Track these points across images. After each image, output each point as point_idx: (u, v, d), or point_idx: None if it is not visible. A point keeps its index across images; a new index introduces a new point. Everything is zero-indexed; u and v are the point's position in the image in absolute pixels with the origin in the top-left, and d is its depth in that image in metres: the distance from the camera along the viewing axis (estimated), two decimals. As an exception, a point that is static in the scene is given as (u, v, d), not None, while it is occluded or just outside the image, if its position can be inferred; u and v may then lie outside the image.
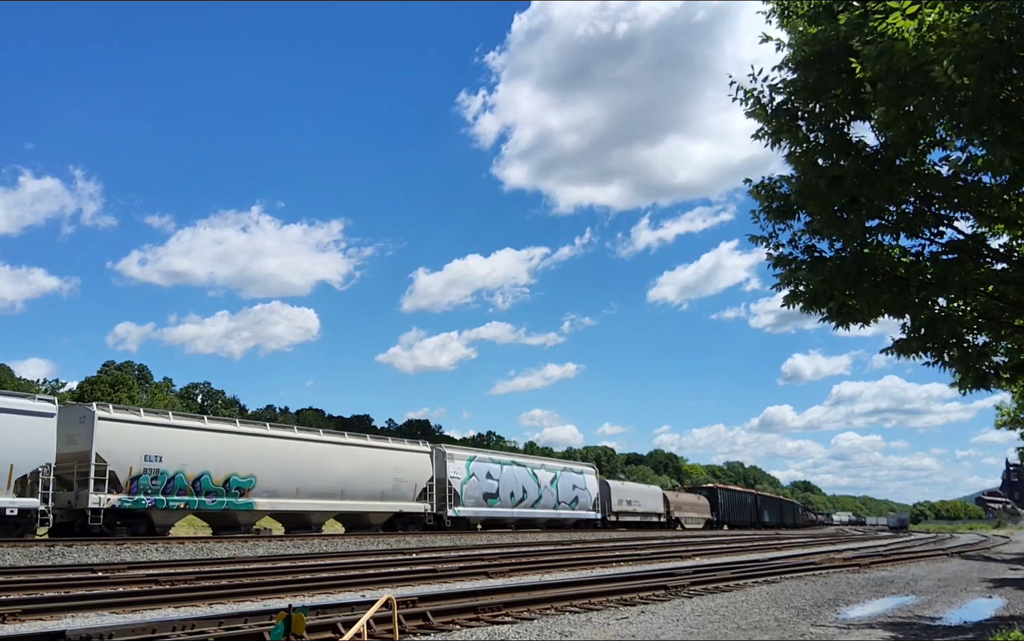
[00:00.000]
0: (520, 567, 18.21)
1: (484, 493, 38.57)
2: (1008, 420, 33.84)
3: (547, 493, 43.48)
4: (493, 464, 40.40)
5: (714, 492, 71.12)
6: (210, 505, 27.00)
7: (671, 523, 58.79)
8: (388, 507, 33.67)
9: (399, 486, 34.07)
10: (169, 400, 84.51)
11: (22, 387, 71.97)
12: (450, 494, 36.23)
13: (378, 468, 33.29)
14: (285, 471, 29.34)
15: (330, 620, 8.94)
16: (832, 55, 8.03)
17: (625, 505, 52.77)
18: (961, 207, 9.39)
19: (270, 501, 28.85)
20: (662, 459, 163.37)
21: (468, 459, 38.61)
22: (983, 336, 10.92)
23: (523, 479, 42.05)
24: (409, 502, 34.58)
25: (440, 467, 36.31)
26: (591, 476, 49.59)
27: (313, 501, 30.45)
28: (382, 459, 33.83)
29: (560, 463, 49.14)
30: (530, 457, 49.15)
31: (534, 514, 42.66)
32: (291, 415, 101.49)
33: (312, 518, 30.90)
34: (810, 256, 10.09)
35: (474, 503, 37.82)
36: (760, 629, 10.16)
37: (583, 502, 46.96)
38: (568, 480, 46.16)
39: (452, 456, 37.42)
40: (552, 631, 9.53)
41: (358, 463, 32.46)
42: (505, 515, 40.60)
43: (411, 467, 35.00)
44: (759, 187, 10.14)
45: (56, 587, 12.82)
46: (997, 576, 20.70)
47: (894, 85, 7.13)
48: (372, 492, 32.90)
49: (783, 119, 8.88)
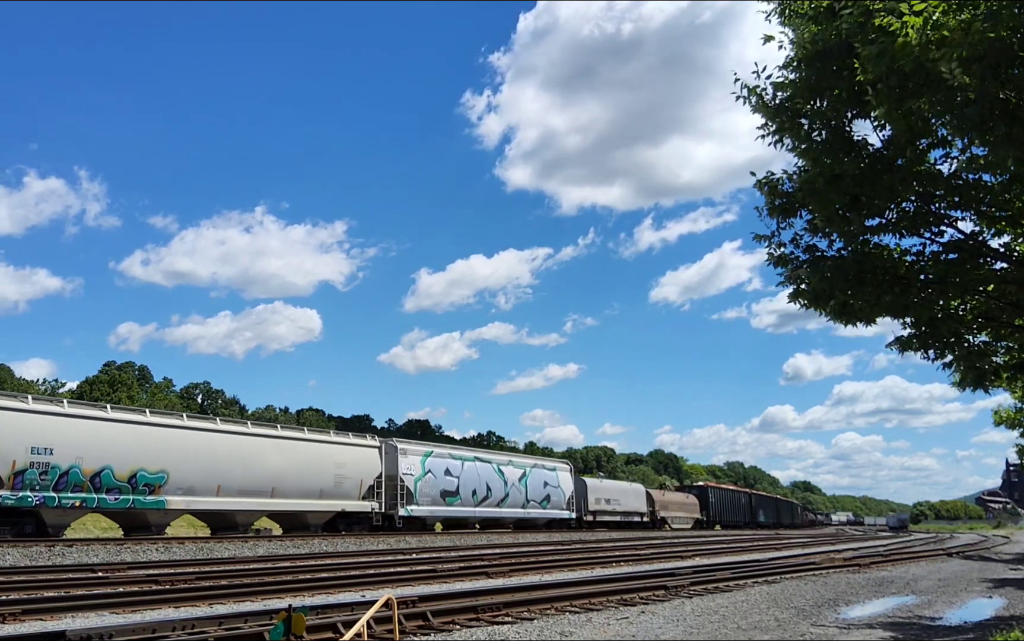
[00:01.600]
0: (520, 567, 18.20)
1: (442, 491, 36.43)
2: (1007, 419, 33.83)
3: (515, 491, 41.41)
4: (453, 460, 38.14)
5: (704, 491, 69.23)
6: (112, 503, 24.48)
7: (656, 523, 57.00)
8: (328, 506, 31.25)
9: (342, 483, 31.54)
10: (169, 400, 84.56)
11: (21, 387, 72.00)
12: (402, 492, 33.99)
13: (316, 464, 30.77)
14: (204, 466, 26.77)
15: (330, 620, 8.93)
16: (833, 53, 8.04)
17: (603, 504, 50.76)
18: (962, 206, 9.40)
19: (186, 499, 26.29)
20: (662, 459, 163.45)
21: (424, 455, 36.45)
22: (983, 335, 10.93)
23: (487, 476, 39.79)
24: (353, 500, 32.09)
25: (391, 463, 34.06)
26: (565, 473, 47.42)
27: (239, 499, 27.77)
28: (321, 454, 31.32)
29: (530, 459, 47.03)
30: (496, 453, 46.60)
31: (500, 513, 40.56)
32: (291, 415, 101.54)
33: (238, 518, 28.29)
34: (811, 255, 10.10)
35: (430, 502, 35.62)
36: (760, 629, 10.16)
37: (555, 501, 44.96)
38: (539, 477, 44.06)
39: (405, 451, 35.20)
40: (552, 631, 9.53)
41: (293, 458, 29.85)
42: (466, 514, 38.46)
43: (356, 463, 32.46)
44: (763, 182, 10.16)
45: (56, 587, 12.80)
46: (997, 576, 20.69)
47: (895, 85, 7.13)
48: (309, 490, 30.39)
49: (785, 117, 8.89)
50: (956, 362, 10.91)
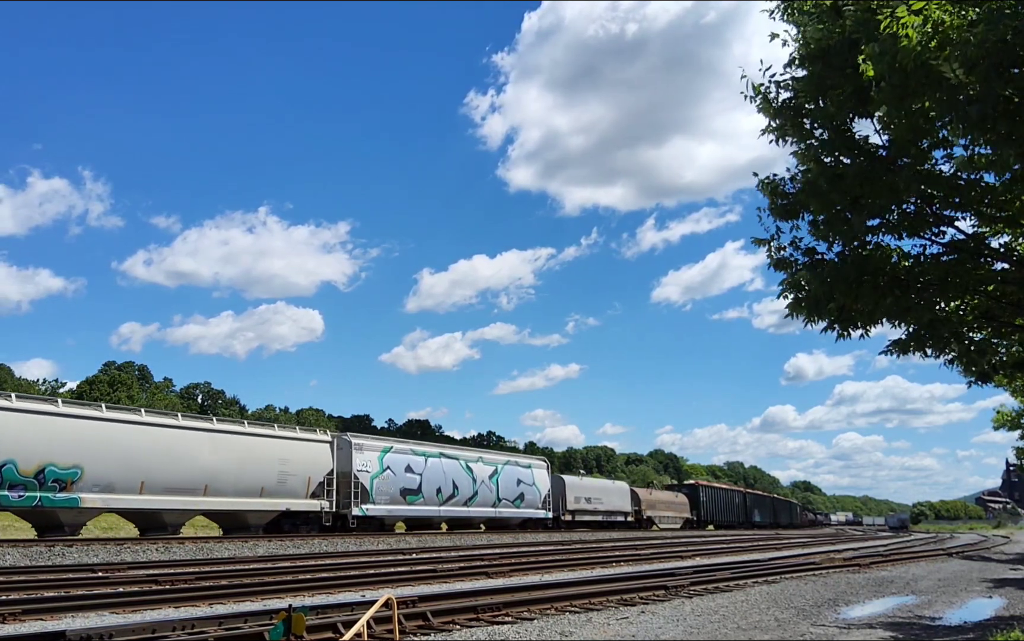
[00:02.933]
0: (520, 567, 18.21)
1: (402, 489, 34.41)
2: (1007, 421, 33.82)
3: (485, 489, 39.30)
4: (415, 456, 36.11)
5: (695, 489, 66.89)
6: (16, 501, 22.37)
7: (641, 523, 54.91)
8: (270, 505, 28.94)
9: (286, 480, 29.26)
10: (169, 400, 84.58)
11: (21, 387, 72.04)
12: (357, 490, 31.94)
13: (257, 459, 28.42)
14: (125, 461, 24.55)
15: (330, 620, 8.92)
16: (837, 52, 8.03)
17: (584, 503, 48.73)
18: (962, 207, 9.39)
19: (104, 497, 24.09)
20: (663, 459, 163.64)
21: (382, 450, 34.39)
22: (983, 334, 10.93)
23: (454, 473, 37.74)
24: (300, 499, 29.88)
25: (344, 459, 32.01)
26: (541, 470, 45.35)
27: (166, 498, 25.62)
28: (263, 449, 28.93)
29: (503, 456, 44.83)
30: (465, 449, 44.42)
31: (468, 513, 38.59)
32: (291, 415, 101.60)
33: (166, 518, 26.13)
34: (810, 258, 10.09)
35: (388, 500, 33.60)
36: (760, 629, 10.16)
37: (530, 499, 42.92)
38: (512, 475, 41.86)
39: (361, 447, 33.16)
40: (552, 631, 9.53)
41: (230, 453, 27.53)
42: (430, 514, 36.50)
43: (303, 458, 30.19)
44: (765, 182, 10.16)
45: (56, 587, 12.80)
46: (997, 576, 20.70)
47: (897, 83, 7.13)
48: (249, 487, 28.01)
49: (788, 115, 8.89)
50: (956, 359, 10.90)
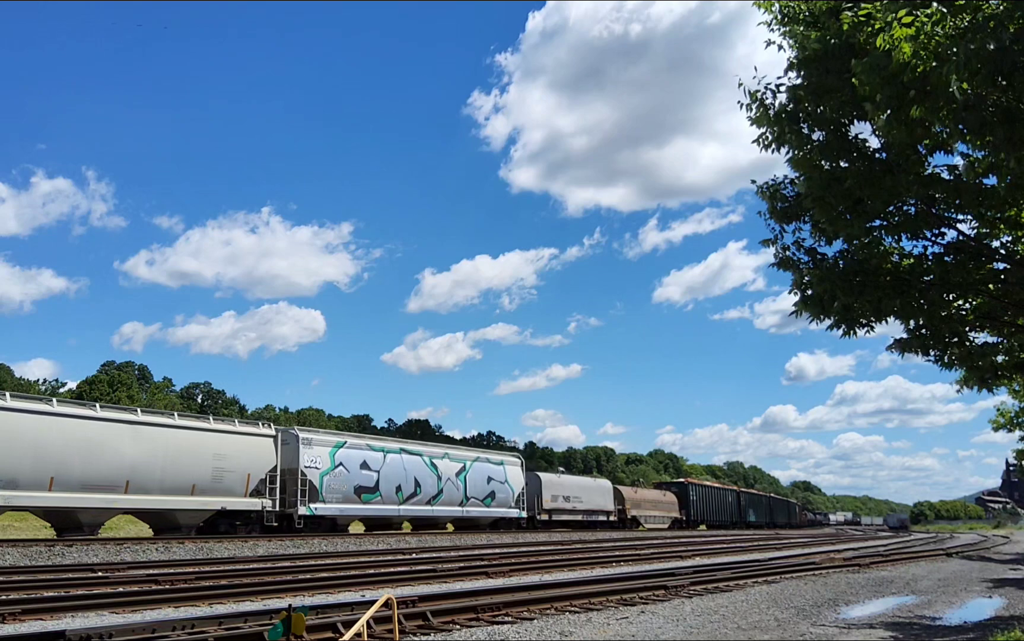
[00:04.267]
0: (520, 567, 18.22)
1: (356, 487, 32.33)
2: (1006, 422, 33.82)
3: (451, 487, 37.38)
4: (372, 452, 33.93)
5: (684, 488, 64.30)
6: None
7: (626, 523, 52.71)
8: (203, 504, 26.77)
9: (222, 477, 27.08)
10: (169, 400, 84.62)
11: (22, 387, 72.10)
12: (304, 488, 29.87)
13: (188, 454, 26.32)
14: (32, 456, 22.49)
15: (330, 620, 8.92)
16: (834, 56, 8.02)
17: (561, 502, 46.68)
18: (963, 209, 9.39)
19: (6, 494, 22.10)
20: (663, 459, 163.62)
21: (334, 446, 32.24)
22: (984, 335, 10.93)
23: (415, 470, 35.62)
24: (238, 497, 27.66)
25: (290, 454, 29.95)
26: (514, 467, 43.03)
27: (80, 495, 23.48)
28: (195, 443, 26.86)
29: (472, 452, 42.62)
30: (428, 444, 42.11)
31: (432, 512, 36.54)
32: (292, 414, 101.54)
33: (81, 517, 24.02)
34: (813, 258, 10.09)
35: (340, 499, 31.52)
36: (760, 629, 10.16)
37: (502, 498, 40.80)
38: (481, 472, 39.74)
39: (309, 441, 31.00)
40: (552, 631, 9.53)
41: (155, 447, 25.39)
42: (388, 513, 34.38)
43: (242, 453, 27.95)
44: (765, 187, 10.16)
45: (56, 587, 12.80)
46: (997, 576, 20.70)
47: (892, 95, 7.11)
48: (178, 484, 25.88)
49: (785, 122, 8.88)
50: (958, 362, 10.90)
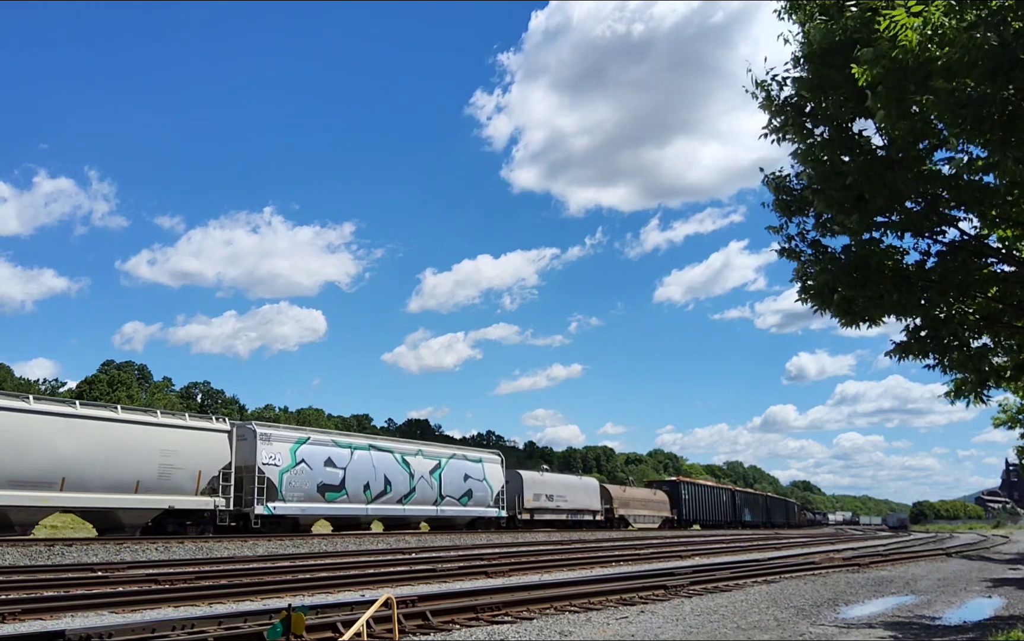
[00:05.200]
0: (519, 567, 18.22)
1: (320, 485, 30.84)
2: (1007, 419, 33.79)
3: (424, 485, 35.91)
4: (337, 449, 32.48)
5: (676, 486, 62.94)
6: None
7: (613, 522, 51.36)
8: (149, 502, 25.13)
9: (170, 474, 25.47)
10: (168, 399, 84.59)
11: (22, 387, 72.06)
12: (262, 486, 28.30)
13: (131, 449, 24.68)
14: None
15: (330, 620, 8.92)
16: (838, 51, 8.02)
17: (544, 500, 45.14)
18: (964, 208, 9.39)
19: None
20: (662, 459, 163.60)
21: (296, 442, 30.64)
22: (984, 337, 10.92)
23: (385, 468, 34.12)
24: (187, 495, 26.00)
25: (247, 451, 28.36)
26: (494, 465, 41.44)
27: (10, 493, 22.00)
28: (139, 438, 25.08)
29: (448, 449, 41.00)
30: (401, 441, 40.42)
31: (404, 512, 35.00)
32: (291, 414, 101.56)
33: (12, 516, 22.41)
34: (815, 251, 10.10)
35: (302, 498, 29.97)
36: (759, 629, 10.15)
37: (480, 497, 39.34)
38: (457, 469, 38.32)
39: (268, 437, 29.39)
40: (552, 631, 9.52)
41: (95, 442, 23.75)
42: (355, 513, 32.84)
43: (192, 449, 26.31)
44: (771, 178, 10.18)
45: (56, 587, 12.79)
46: (997, 576, 20.70)
47: (895, 86, 7.11)
48: (120, 482, 24.21)
49: (789, 114, 8.88)
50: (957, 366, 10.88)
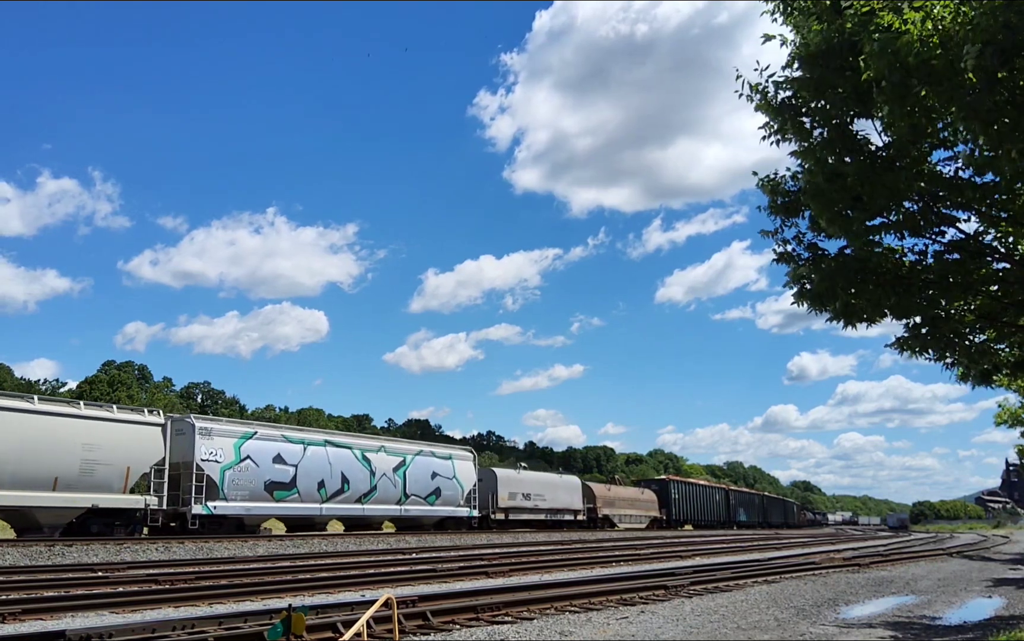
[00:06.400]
0: (520, 567, 18.22)
1: (268, 483, 28.74)
2: (1008, 418, 33.78)
3: (386, 483, 33.90)
4: (288, 444, 30.29)
5: (665, 485, 61.27)
6: None
7: (597, 523, 49.57)
8: (69, 501, 23.16)
9: (94, 470, 23.60)
10: (168, 400, 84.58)
11: (22, 387, 72.07)
12: (201, 484, 26.38)
13: (49, 443, 22.77)
14: None
15: (330, 620, 8.92)
16: (836, 52, 8.01)
17: (521, 499, 43.01)
18: (964, 206, 9.39)
19: None
20: (663, 459, 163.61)
21: (240, 437, 28.56)
22: (984, 335, 10.93)
23: (343, 465, 32.13)
24: (114, 494, 24.03)
25: (184, 446, 26.58)
26: (465, 462, 39.37)
27: None
28: (57, 430, 23.11)
29: (414, 445, 39.17)
30: (362, 437, 37.85)
31: (363, 511, 32.96)
32: (292, 414, 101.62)
33: None
34: (813, 254, 10.10)
35: (247, 496, 27.88)
36: (760, 629, 10.15)
37: (449, 495, 37.31)
38: (424, 467, 36.28)
39: (209, 431, 27.43)
40: (552, 631, 9.52)
41: (8, 434, 22.09)
42: (309, 512, 30.73)
43: (119, 444, 24.28)
44: (765, 180, 10.17)
45: (56, 587, 12.80)
46: (997, 576, 20.70)
47: (898, 80, 7.10)
48: (35, 478, 22.30)
49: (787, 115, 8.87)
50: (957, 362, 10.90)
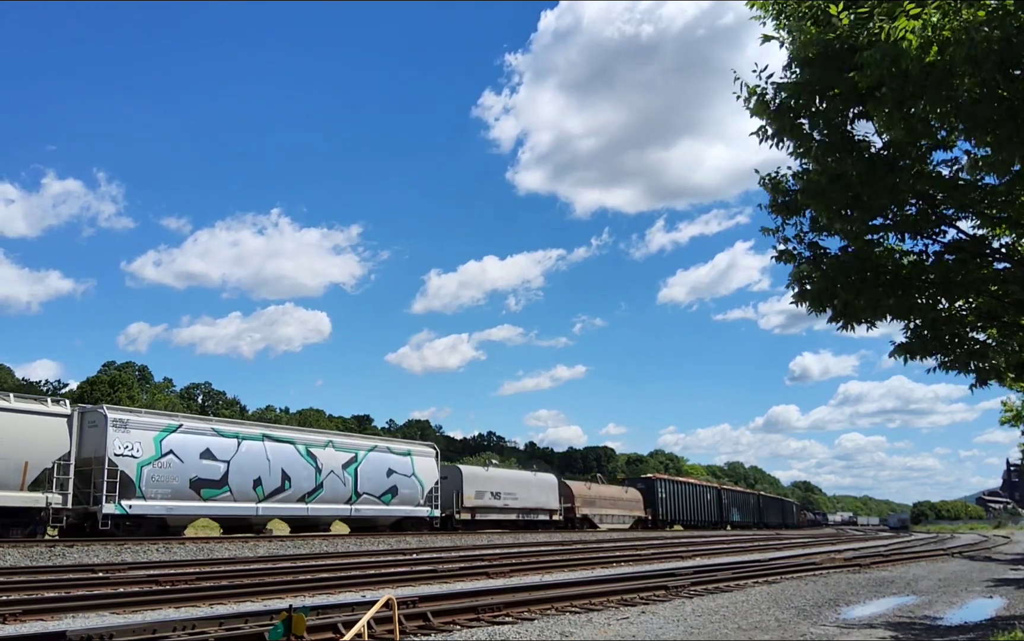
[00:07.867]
0: (520, 567, 18.22)
1: (194, 480, 26.45)
2: (1012, 416, 33.74)
3: (334, 481, 31.22)
4: (219, 438, 27.71)
5: (652, 484, 59.06)
6: None
7: (575, 523, 47.16)
8: None
9: None
10: (169, 400, 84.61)
11: (23, 388, 72.13)
12: (114, 480, 24.11)
13: None
14: None
15: (331, 620, 8.93)
16: (834, 54, 8.01)
17: (489, 498, 40.31)
18: (964, 207, 9.39)
19: None
20: (663, 459, 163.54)
21: (162, 430, 26.13)
22: (985, 335, 10.93)
23: (283, 460, 29.40)
24: (8, 491, 21.93)
25: (95, 439, 24.50)
26: (426, 459, 36.31)
27: None
28: None
29: (368, 440, 36.54)
30: (308, 432, 35.86)
31: (307, 511, 30.22)
32: (293, 415, 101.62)
33: None
34: (813, 253, 10.11)
35: (169, 494, 25.65)
36: (760, 629, 10.15)
37: (407, 494, 34.44)
38: (378, 463, 33.43)
39: (124, 423, 25.02)
40: (553, 631, 9.53)
41: None
42: (242, 512, 28.17)
43: (15, 436, 22.08)
44: (767, 179, 10.19)
45: (57, 587, 12.82)
46: (998, 576, 20.69)
47: (897, 88, 7.11)
48: None
49: (785, 117, 8.87)
50: (959, 365, 10.89)
